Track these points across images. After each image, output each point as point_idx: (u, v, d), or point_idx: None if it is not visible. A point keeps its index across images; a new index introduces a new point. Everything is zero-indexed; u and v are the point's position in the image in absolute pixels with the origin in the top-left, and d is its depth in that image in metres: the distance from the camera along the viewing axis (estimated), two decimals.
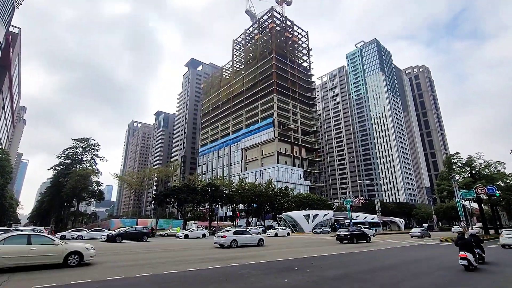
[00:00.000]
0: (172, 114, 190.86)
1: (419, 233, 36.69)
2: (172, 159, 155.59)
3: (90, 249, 11.80)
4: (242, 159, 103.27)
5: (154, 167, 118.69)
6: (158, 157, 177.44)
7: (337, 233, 27.36)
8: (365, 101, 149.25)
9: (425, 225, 64.51)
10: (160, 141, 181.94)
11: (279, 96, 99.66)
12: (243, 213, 66.23)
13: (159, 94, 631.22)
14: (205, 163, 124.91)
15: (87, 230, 36.20)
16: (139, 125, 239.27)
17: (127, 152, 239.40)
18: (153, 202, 58.77)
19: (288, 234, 41.01)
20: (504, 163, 40.30)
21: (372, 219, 60.83)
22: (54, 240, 11.48)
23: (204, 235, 35.47)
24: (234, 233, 21.21)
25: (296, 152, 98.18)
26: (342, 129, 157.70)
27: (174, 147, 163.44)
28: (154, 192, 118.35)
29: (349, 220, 46.09)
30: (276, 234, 38.62)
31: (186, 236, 33.86)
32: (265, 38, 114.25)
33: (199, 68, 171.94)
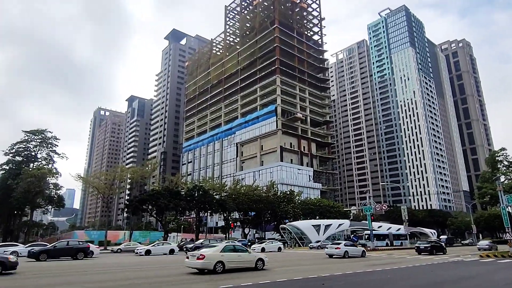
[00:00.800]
0: (149, 100, 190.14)
1: (487, 246, 43.49)
2: (149, 156, 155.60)
3: (266, 258, 18.71)
4: (237, 156, 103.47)
5: (127, 166, 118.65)
6: (131, 154, 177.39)
7: (416, 245, 36.38)
8: (390, 84, 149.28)
9: (443, 237, 65.75)
10: (134, 133, 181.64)
11: (284, 77, 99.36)
12: (238, 223, 66.49)
13: (132, 76, 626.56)
14: (191, 161, 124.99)
15: (22, 245, 35.47)
16: (107, 113, 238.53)
17: (93, 148, 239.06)
18: (126, 209, 58.80)
19: (280, 249, 41.41)
20: None
21: (398, 230, 61.29)
22: (248, 250, 19.03)
23: (172, 251, 35.81)
24: (345, 245, 30.04)
25: (304, 147, 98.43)
26: (361, 119, 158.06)
27: (151, 141, 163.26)
28: (127, 198, 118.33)
29: (369, 232, 46.43)
30: (263, 249, 38.07)
31: (148, 252, 33.49)
32: (266, 4, 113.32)
33: (183, 42, 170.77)
